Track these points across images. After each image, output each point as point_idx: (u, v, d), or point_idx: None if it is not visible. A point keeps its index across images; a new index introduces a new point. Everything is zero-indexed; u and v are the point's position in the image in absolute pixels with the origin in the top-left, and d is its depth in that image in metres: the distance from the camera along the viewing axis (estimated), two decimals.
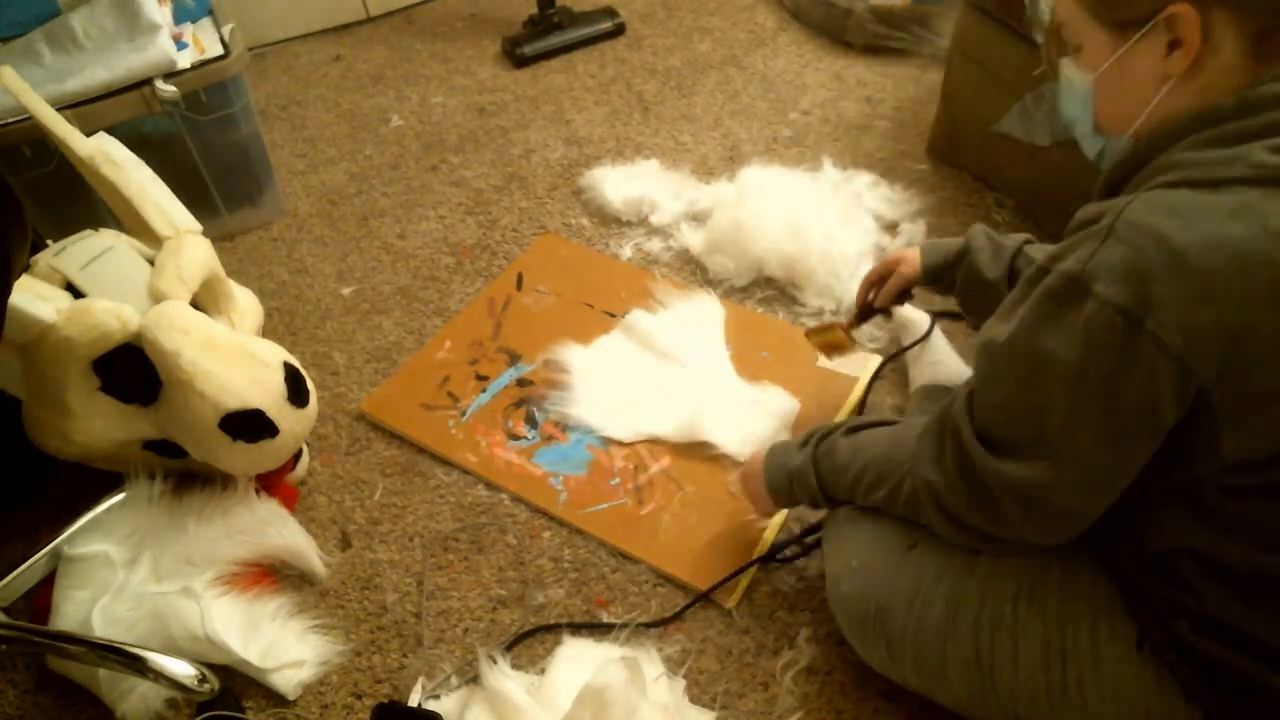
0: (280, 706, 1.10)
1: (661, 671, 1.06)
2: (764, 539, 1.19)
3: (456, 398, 1.41)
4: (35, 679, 1.15)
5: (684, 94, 2.01)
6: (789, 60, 2.07)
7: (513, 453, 1.33)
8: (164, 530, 1.18)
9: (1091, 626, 0.86)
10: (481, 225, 1.73)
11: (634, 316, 1.49)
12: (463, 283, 1.62)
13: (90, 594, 1.13)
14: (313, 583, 1.22)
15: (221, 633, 1.08)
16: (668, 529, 1.22)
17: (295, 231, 1.76)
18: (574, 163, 1.84)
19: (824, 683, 1.07)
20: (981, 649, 0.89)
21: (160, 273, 1.16)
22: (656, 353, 1.43)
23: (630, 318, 1.49)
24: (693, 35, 2.18)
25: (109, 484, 1.22)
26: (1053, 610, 0.87)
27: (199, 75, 1.51)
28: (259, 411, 1.12)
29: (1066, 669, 0.86)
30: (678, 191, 1.70)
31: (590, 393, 1.38)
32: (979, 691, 0.91)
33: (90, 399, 1.12)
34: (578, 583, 1.19)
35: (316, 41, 2.28)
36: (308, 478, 1.34)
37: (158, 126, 1.56)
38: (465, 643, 1.14)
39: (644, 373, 1.41)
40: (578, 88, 2.05)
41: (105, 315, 1.08)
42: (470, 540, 1.25)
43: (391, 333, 1.55)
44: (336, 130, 2.00)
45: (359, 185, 1.86)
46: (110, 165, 1.20)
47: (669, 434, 1.32)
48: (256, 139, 1.69)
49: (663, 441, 1.32)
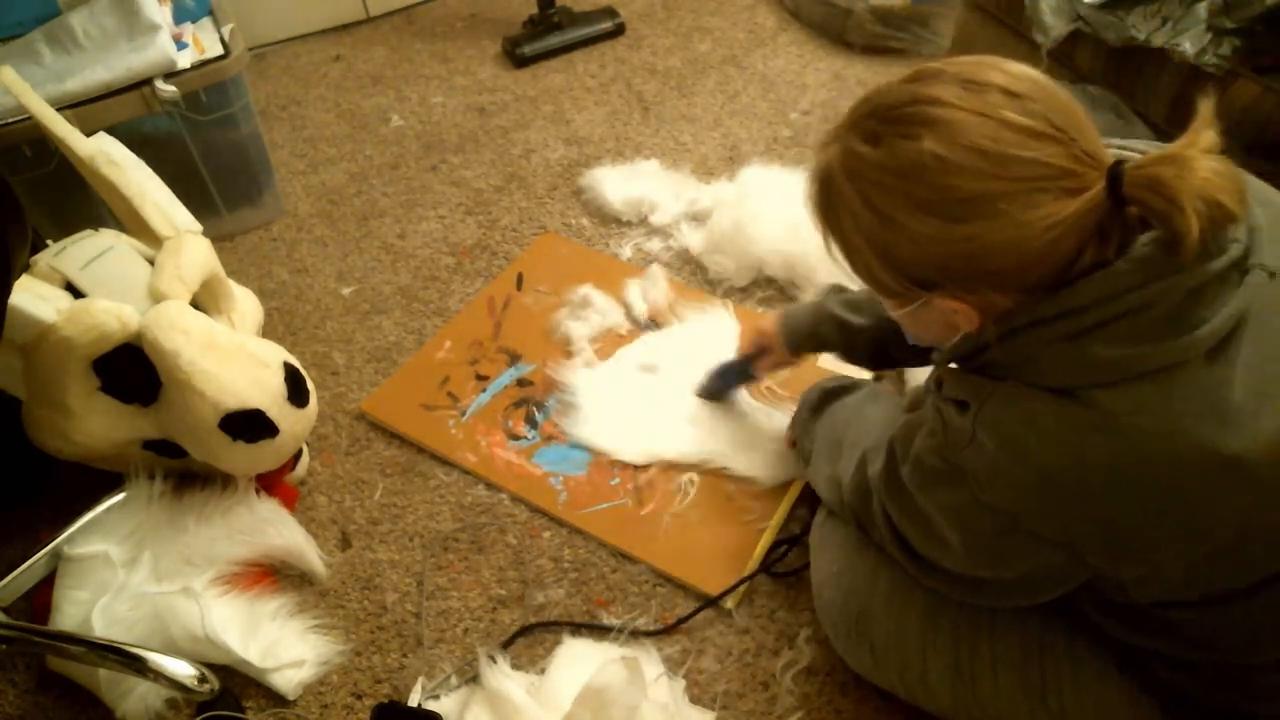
0: (280, 706, 1.10)
1: (661, 671, 1.06)
2: (764, 539, 1.19)
3: (456, 398, 1.41)
4: (35, 679, 1.15)
5: (684, 94, 2.00)
6: (789, 60, 2.07)
7: (513, 453, 1.33)
8: (164, 530, 1.18)
9: (1069, 634, 0.87)
10: (481, 225, 1.73)
11: (646, 335, 1.47)
12: (463, 283, 1.62)
13: (90, 594, 1.12)
14: (313, 583, 1.22)
15: (221, 633, 1.08)
16: (668, 529, 1.22)
17: (295, 231, 1.76)
18: (574, 163, 1.84)
19: (824, 683, 1.07)
20: (961, 656, 0.90)
21: (160, 273, 1.16)
22: (668, 372, 1.41)
23: (643, 336, 1.47)
24: (693, 35, 2.18)
25: (109, 484, 1.22)
26: (1032, 618, 0.88)
27: (199, 75, 1.51)
28: (259, 411, 1.12)
29: (1045, 677, 0.86)
30: (678, 191, 1.70)
31: (599, 413, 1.36)
32: (962, 699, 0.91)
33: (90, 399, 1.12)
34: (578, 583, 1.19)
35: (316, 41, 2.28)
36: (308, 478, 1.34)
37: (158, 126, 1.56)
38: (465, 643, 1.14)
39: (655, 393, 1.38)
40: (578, 88, 2.05)
41: (105, 315, 1.08)
42: (470, 540, 1.25)
43: (391, 333, 1.55)
44: (336, 130, 2.00)
45: (359, 185, 1.86)
46: (110, 165, 1.20)
47: (681, 458, 1.29)
48: (256, 139, 1.69)
49: (675, 465, 1.29)
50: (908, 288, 0.73)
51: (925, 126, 0.67)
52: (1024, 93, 0.67)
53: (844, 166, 0.72)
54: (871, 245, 0.72)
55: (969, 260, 0.68)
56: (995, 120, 0.66)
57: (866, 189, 0.70)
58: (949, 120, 0.66)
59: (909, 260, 0.71)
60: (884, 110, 0.70)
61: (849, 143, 0.72)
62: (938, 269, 0.70)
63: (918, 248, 0.70)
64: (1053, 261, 0.67)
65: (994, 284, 0.70)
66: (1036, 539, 0.74)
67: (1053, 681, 0.86)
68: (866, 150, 0.70)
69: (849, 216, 0.73)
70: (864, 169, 0.70)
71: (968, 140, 0.66)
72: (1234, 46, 1.28)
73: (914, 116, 0.68)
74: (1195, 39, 1.31)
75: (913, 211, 0.68)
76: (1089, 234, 0.67)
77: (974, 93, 0.67)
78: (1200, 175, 0.63)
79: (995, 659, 0.88)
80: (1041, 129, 0.65)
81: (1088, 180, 0.66)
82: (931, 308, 0.74)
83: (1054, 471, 0.69)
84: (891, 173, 0.69)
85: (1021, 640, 0.87)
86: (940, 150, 0.66)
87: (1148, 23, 1.36)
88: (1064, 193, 0.65)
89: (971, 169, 0.65)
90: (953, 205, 0.67)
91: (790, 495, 1.23)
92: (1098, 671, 0.85)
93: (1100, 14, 1.41)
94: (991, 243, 0.67)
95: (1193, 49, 1.30)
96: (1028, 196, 0.65)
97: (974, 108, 0.66)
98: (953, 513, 0.78)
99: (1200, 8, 1.32)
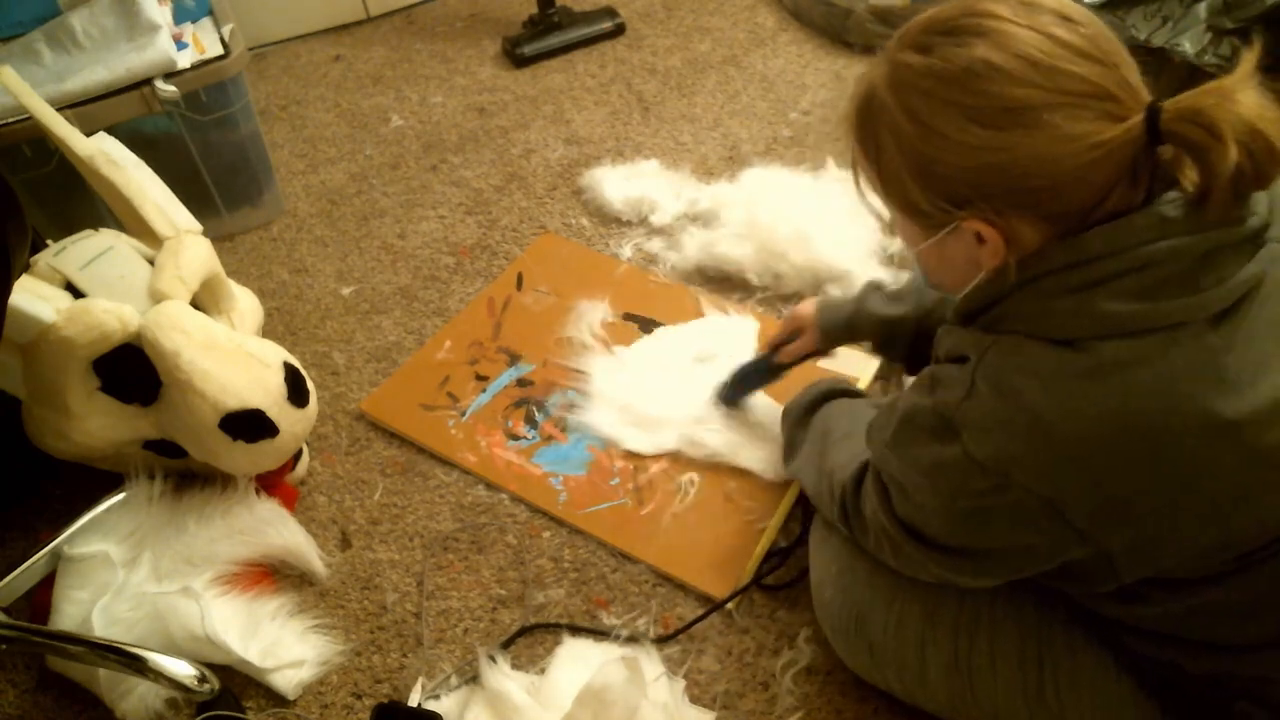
0: (280, 706, 1.10)
1: (661, 671, 1.06)
2: (763, 540, 1.19)
3: (456, 398, 1.41)
4: (35, 679, 1.15)
5: (684, 94, 2.00)
6: (789, 60, 2.07)
7: (512, 453, 1.33)
8: (164, 530, 1.18)
9: (1067, 631, 0.86)
10: (481, 225, 1.73)
11: (663, 329, 1.47)
12: (463, 283, 1.62)
13: (90, 594, 1.13)
14: (313, 583, 1.22)
15: (221, 633, 1.08)
16: (668, 529, 1.22)
17: (295, 231, 1.76)
18: (574, 163, 1.84)
19: (824, 683, 1.07)
20: (960, 653, 0.90)
21: (160, 273, 1.16)
22: (685, 364, 1.41)
23: (660, 329, 1.47)
24: (693, 35, 2.18)
25: (109, 484, 1.23)
26: (1030, 614, 0.88)
27: (199, 75, 1.51)
28: (259, 411, 1.12)
29: (1044, 674, 0.86)
30: (678, 191, 1.70)
31: (610, 402, 1.36)
32: (960, 697, 0.91)
33: (90, 399, 1.12)
34: (578, 583, 1.19)
35: (316, 41, 2.28)
36: (308, 478, 1.34)
37: (158, 126, 1.56)
38: (465, 643, 1.14)
39: (670, 384, 1.38)
40: (578, 88, 2.05)
41: (105, 315, 1.08)
42: (470, 540, 1.25)
43: (391, 333, 1.55)
44: (336, 130, 2.00)
45: (359, 185, 1.86)
46: (110, 165, 1.20)
47: (692, 452, 1.29)
48: (256, 139, 1.69)
49: (684, 457, 1.29)
50: (941, 207, 0.73)
51: (978, 36, 0.69)
52: (1075, 18, 0.69)
53: (890, 79, 0.73)
54: (909, 160, 0.73)
55: (1006, 174, 0.69)
56: (1047, 35, 0.67)
57: (912, 99, 0.71)
58: (1001, 31, 0.68)
59: (946, 175, 0.71)
60: (937, 23, 0.72)
61: (897, 55, 0.73)
62: (973, 184, 0.70)
63: (957, 158, 0.70)
64: (1084, 189, 0.68)
65: (1026, 205, 0.70)
66: (1022, 505, 0.72)
67: (1051, 679, 0.86)
68: (917, 59, 0.71)
69: (888, 132, 0.73)
70: (912, 78, 0.71)
71: (1019, 49, 0.67)
72: (1234, 46, 1.29)
73: (968, 27, 0.69)
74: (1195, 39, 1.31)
75: (956, 119, 0.69)
76: (1122, 169, 0.67)
77: (1027, 10, 0.69)
78: (1243, 104, 0.63)
79: (994, 657, 0.88)
80: (1090, 50, 0.67)
81: (1128, 109, 0.67)
82: (959, 236, 0.74)
83: (1051, 421, 0.69)
84: (939, 79, 0.69)
85: (1020, 638, 0.87)
86: (992, 57, 0.67)
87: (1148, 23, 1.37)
88: (1106, 115, 0.66)
89: (1021, 77, 0.67)
90: (998, 113, 0.68)
91: (790, 494, 1.23)
92: (1097, 669, 0.85)
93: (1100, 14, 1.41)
94: (1031, 154, 0.67)
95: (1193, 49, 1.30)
96: (1071, 110, 0.66)
97: (1027, 22, 0.68)
98: (939, 472, 0.77)
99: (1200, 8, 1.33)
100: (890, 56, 0.74)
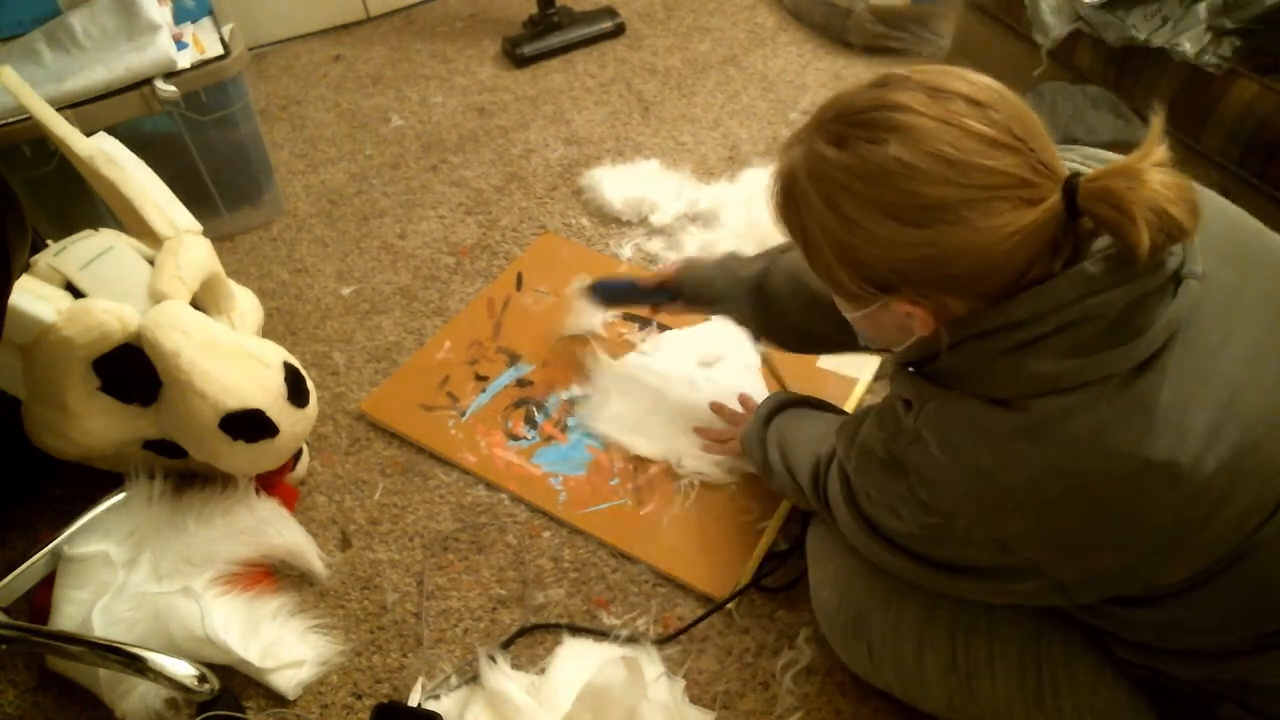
0: (280, 706, 1.10)
1: (661, 671, 1.06)
2: (763, 540, 1.19)
3: (456, 398, 1.41)
4: (35, 679, 1.15)
5: (684, 94, 2.01)
6: (789, 60, 2.07)
7: (512, 453, 1.33)
8: (164, 530, 1.18)
9: (1065, 635, 0.87)
10: (481, 225, 1.73)
11: (669, 333, 1.47)
12: (463, 283, 1.62)
13: (90, 594, 1.13)
14: (313, 583, 1.22)
15: (221, 633, 1.08)
16: (668, 529, 1.22)
17: (295, 231, 1.76)
18: (574, 163, 1.84)
19: (824, 683, 1.07)
20: (957, 654, 0.90)
21: (160, 273, 1.16)
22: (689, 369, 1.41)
23: (666, 334, 1.47)
24: (693, 35, 2.18)
25: (109, 484, 1.22)
26: (1028, 617, 0.88)
27: (199, 75, 1.51)
28: (259, 411, 1.12)
29: (1041, 676, 0.86)
30: (678, 191, 1.70)
31: (611, 403, 1.36)
32: (958, 698, 0.91)
33: (90, 399, 1.12)
34: (578, 583, 1.19)
35: (316, 41, 2.28)
36: (308, 478, 1.34)
37: (158, 126, 1.56)
38: (465, 643, 1.14)
39: (674, 389, 1.38)
40: (578, 88, 2.05)
41: (105, 315, 1.08)
42: (470, 540, 1.25)
43: (391, 333, 1.55)
44: (336, 130, 2.00)
45: (359, 185, 1.86)
46: (110, 165, 1.20)
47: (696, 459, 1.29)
48: (256, 139, 1.69)
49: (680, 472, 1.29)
50: (866, 290, 0.74)
51: (890, 132, 0.68)
52: (987, 102, 0.68)
53: (808, 167, 0.73)
54: (832, 246, 0.73)
55: (928, 264, 0.69)
56: (958, 128, 0.66)
57: (829, 190, 0.71)
58: (913, 126, 0.67)
59: (869, 262, 0.72)
60: (850, 114, 0.71)
61: (814, 144, 0.72)
62: (897, 272, 0.71)
63: (878, 250, 0.70)
64: (1008, 269, 0.68)
65: (950, 289, 0.71)
66: (971, 537, 0.76)
67: (1049, 681, 0.86)
68: (831, 152, 0.71)
69: (811, 216, 0.74)
70: (828, 170, 0.71)
71: (931, 147, 0.66)
72: (1234, 46, 1.28)
73: (879, 121, 0.69)
74: (1195, 39, 1.31)
75: (875, 215, 0.69)
76: (1044, 244, 0.68)
77: (938, 100, 0.68)
78: (1150, 187, 0.64)
79: (992, 658, 0.88)
80: (1003, 138, 0.66)
81: (1045, 191, 0.67)
82: (888, 311, 0.75)
83: (990, 474, 0.71)
84: (856, 176, 0.69)
85: (1018, 639, 0.87)
86: (905, 155, 0.67)
87: (1148, 23, 1.37)
88: (1022, 202, 0.66)
89: (935, 175, 0.66)
90: (915, 210, 0.67)
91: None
92: (1095, 671, 0.85)
93: (1100, 14, 1.41)
94: (951, 248, 0.67)
95: (1193, 49, 1.30)
96: (988, 204, 0.66)
97: (938, 115, 0.67)
98: (894, 498, 0.82)
99: (1200, 8, 1.33)
100: (807, 143, 0.73)
